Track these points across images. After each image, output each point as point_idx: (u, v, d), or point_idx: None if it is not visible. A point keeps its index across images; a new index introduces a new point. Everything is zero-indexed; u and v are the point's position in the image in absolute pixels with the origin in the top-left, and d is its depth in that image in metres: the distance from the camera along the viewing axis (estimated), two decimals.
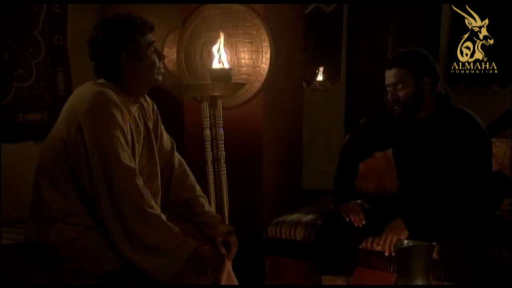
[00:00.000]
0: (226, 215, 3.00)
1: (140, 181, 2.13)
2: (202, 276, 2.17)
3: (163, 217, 2.18)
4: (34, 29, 3.58)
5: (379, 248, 2.67)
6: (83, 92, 2.22)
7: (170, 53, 3.71)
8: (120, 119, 2.14)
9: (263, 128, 3.30)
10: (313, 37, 4.68)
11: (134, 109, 2.34)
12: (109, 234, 2.10)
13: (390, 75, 2.73)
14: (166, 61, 3.69)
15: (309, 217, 3.12)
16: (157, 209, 2.18)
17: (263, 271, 3.15)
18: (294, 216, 3.16)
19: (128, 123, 2.22)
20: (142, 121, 2.38)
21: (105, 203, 2.08)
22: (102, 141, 2.09)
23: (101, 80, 2.31)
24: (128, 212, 2.07)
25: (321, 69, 4.71)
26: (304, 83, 4.68)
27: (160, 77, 2.37)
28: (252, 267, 3.15)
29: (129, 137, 2.20)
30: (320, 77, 4.71)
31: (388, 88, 2.76)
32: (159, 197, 2.44)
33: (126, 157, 2.12)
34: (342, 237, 2.72)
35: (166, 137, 2.58)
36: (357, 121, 3.84)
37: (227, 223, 2.99)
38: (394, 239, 2.57)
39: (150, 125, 2.43)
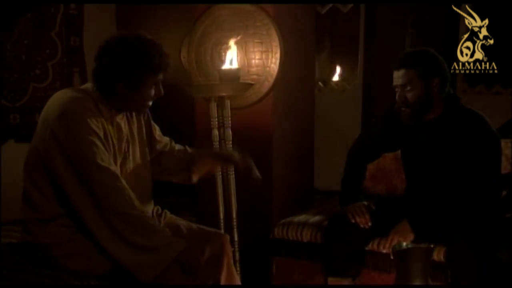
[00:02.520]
0: (234, 215, 3.00)
1: (121, 183, 2.11)
2: (191, 277, 2.12)
3: (150, 219, 2.18)
4: (51, 31, 3.65)
5: (385, 251, 2.64)
6: (57, 98, 2.19)
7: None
8: (93, 125, 2.11)
9: (273, 128, 3.29)
10: (330, 37, 4.66)
11: (119, 117, 2.30)
12: (93, 235, 2.09)
13: (398, 76, 2.70)
14: (184, 61, 3.71)
15: (316, 218, 3.10)
16: (141, 209, 2.16)
17: (270, 272, 3.14)
18: (301, 217, 3.14)
19: (105, 129, 2.18)
20: (127, 128, 2.35)
21: (86, 206, 2.07)
22: (77, 146, 2.06)
23: (85, 86, 2.28)
24: (110, 215, 2.06)
25: (338, 69, 4.68)
26: (321, 83, 4.68)
27: (145, 110, 2.36)
28: (259, 268, 3.15)
29: (109, 142, 2.18)
30: (337, 77, 4.68)
31: (396, 89, 2.73)
32: (151, 205, 2.47)
33: (104, 160, 2.09)
34: (348, 239, 2.70)
35: (156, 132, 2.56)
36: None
37: (235, 223, 3.01)
38: (400, 241, 2.54)
39: (137, 133, 2.41)
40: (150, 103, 2.30)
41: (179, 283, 2.10)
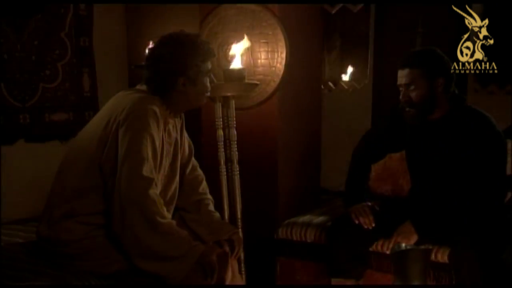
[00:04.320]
0: (239, 215, 2.99)
1: (153, 191, 2.15)
2: (210, 277, 2.21)
3: (174, 224, 2.21)
4: (60, 31, 3.66)
5: (388, 252, 2.63)
6: (126, 96, 2.29)
7: None
8: (154, 130, 2.18)
9: (279, 128, 3.29)
10: (339, 37, 4.64)
11: (171, 122, 2.39)
12: (119, 239, 2.14)
13: (402, 76, 2.68)
14: None
15: (321, 218, 3.09)
16: (168, 218, 2.21)
17: (274, 272, 3.13)
18: (306, 218, 3.14)
19: (162, 135, 2.27)
20: (174, 133, 2.43)
21: (117, 209, 2.12)
22: (131, 147, 2.13)
23: (143, 87, 2.35)
24: (138, 223, 2.10)
25: (348, 69, 4.65)
26: (331, 84, 4.65)
27: (205, 101, 2.44)
28: (264, 268, 3.15)
29: (159, 149, 2.24)
30: (347, 78, 4.66)
31: (401, 89, 2.71)
32: (174, 203, 2.49)
33: (147, 169, 2.14)
34: (352, 240, 2.70)
35: (187, 143, 2.61)
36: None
37: (239, 224, 3.00)
38: (403, 243, 2.52)
39: (178, 137, 2.48)
40: (208, 93, 2.42)
41: (198, 283, 2.18)
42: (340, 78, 4.60)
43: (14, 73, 3.42)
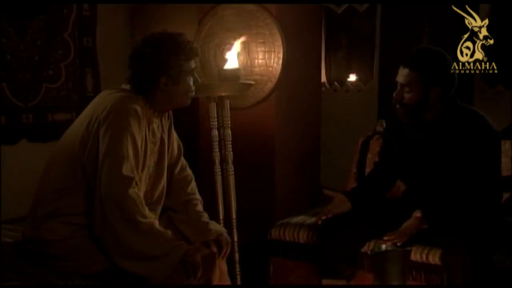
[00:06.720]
0: (234, 216, 3.00)
1: (133, 190, 2.15)
2: (193, 277, 2.20)
3: (156, 223, 2.21)
4: (64, 32, 3.68)
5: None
6: (109, 95, 2.30)
7: None
8: (136, 129, 2.19)
9: (276, 129, 3.29)
10: (346, 37, 4.62)
11: (156, 121, 2.39)
12: (101, 239, 2.15)
13: (402, 74, 2.63)
14: None
15: (314, 219, 3.05)
16: (149, 217, 2.20)
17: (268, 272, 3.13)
18: (299, 218, 3.12)
19: (145, 134, 2.27)
20: (160, 132, 2.43)
21: (98, 208, 2.13)
22: (111, 146, 2.14)
23: (127, 86, 2.36)
24: (118, 222, 2.11)
25: (354, 69, 4.64)
26: (336, 83, 4.64)
27: (189, 101, 2.43)
28: (258, 269, 3.15)
29: (142, 148, 2.24)
30: (352, 77, 4.64)
31: (398, 85, 2.68)
32: (162, 203, 2.49)
33: (127, 168, 2.14)
34: (343, 240, 2.68)
35: (175, 143, 2.60)
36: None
37: (234, 224, 3.00)
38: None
39: (165, 136, 2.47)
40: (193, 94, 2.42)
41: (181, 283, 2.18)
42: (346, 78, 4.58)
43: (17, 73, 3.43)
